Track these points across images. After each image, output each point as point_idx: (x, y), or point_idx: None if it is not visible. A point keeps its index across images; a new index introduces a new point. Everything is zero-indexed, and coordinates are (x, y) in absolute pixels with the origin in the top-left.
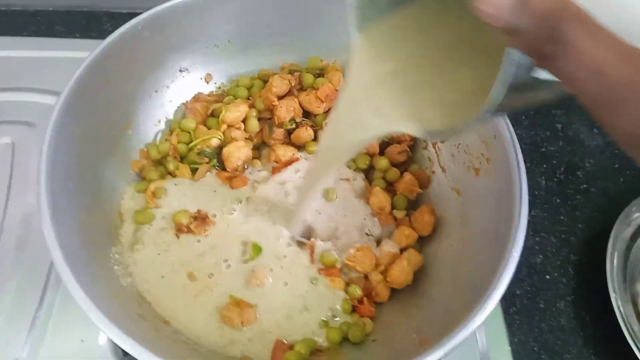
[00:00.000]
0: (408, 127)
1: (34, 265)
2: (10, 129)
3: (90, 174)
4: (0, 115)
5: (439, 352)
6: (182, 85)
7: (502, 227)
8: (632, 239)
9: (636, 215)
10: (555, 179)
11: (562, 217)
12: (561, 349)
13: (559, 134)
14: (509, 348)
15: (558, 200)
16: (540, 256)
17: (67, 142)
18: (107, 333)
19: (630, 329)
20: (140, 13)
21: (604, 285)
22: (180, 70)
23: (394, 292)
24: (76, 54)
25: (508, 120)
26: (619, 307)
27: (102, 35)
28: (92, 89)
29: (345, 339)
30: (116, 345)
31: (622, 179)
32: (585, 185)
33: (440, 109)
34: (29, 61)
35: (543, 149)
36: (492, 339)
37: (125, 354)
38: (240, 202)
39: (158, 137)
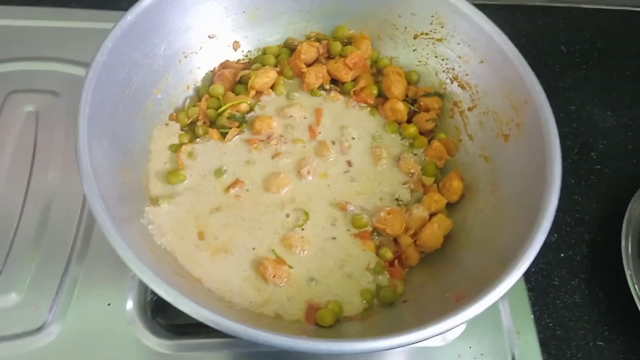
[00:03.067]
0: None
1: (59, 231)
2: (33, 97)
3: (122, 133)
4: (23, 84)
5: (478, 307)
6: (211, 52)
7: (534, 190)
8: None
9: None
10: (570, 160)
11: (576, 197)
12: (575, 324)
13: (572, 115)
14: (532, 316)
15: (572, 181)
16: (555, 235)
17: (102, 100)
18: (149, 284)
19: None
20: None
21: (617, 263)
22: (210, 37)
23: (423, 256)
24: (96, 25)
25: (540, 84)
26: (634, 284)
27: (117, 7)
28: (125, 50)
29: (377, 300)
30: (145, 307)
31: (635, 160)
32: (599, 166)
33: None
34: (50, 31)
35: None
36: (515, 310)
37: (155, 316)
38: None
39: (187, 103)
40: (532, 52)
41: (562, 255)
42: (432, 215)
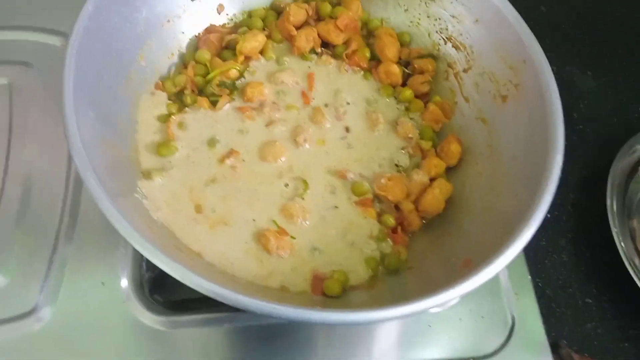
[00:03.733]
0: None
1: (44, 210)
2: (4, 69)
3: (108, 104)
4: None
5: (490, 271)
6: (194, 16)
7: (535, 151)
8: (630, 175)
9: (633, 151)
10: None
11: None
12: (564, 283)
13: (554, 76)
14: (529, 277)
15: None
16: None
17: (86, 69)
18: (155, 260)
19: (631, 263)
20: None
21: (601, 222)
22: (192, 0)
23: (425, 221)
24: None
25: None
26: (620, 242)
27: None
28: (106, 14)
29: (381, 268)
30: (141, 284)
31: (615, 120)
32: (580, 126)
33: None
34: None
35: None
36: (513, 272)
37: (152, 293)
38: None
39: (172, 71)
40: None
41: (547, 215)
42: (432, 180)
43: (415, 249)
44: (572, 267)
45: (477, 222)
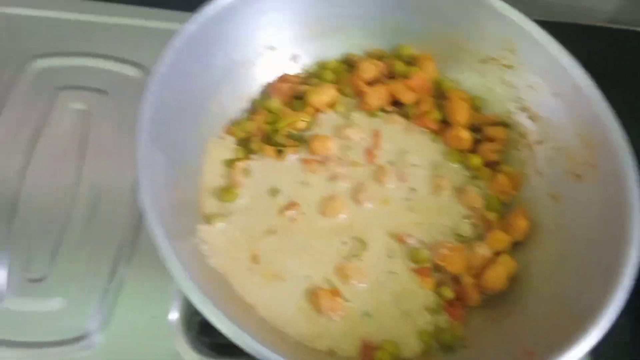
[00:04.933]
0: None
1: (105, 237)
2: (84, 95)
3: (178, 146)
4: (74, 80)
5: None
6: (268, 64)
7: (610, 239)
8: None
9: None
10: None
11: None
12: None
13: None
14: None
15: None
16: None
17: (160, 113)
18: (209, 317)
19: None
20: None
21: None
22: (268, 48)
23: (484, 297)
24: (148, 23)
25: (619, 126)
26: None
27: (169, 5)
28: (184, 61)
29: (435, 343)
30: (189, 323)
31: None
32: None
33: None
34: (100, 27)
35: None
36: None
37: (201, 333)
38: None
39: (241, 117)
40: None
41: None
42: (495, 254)
43: (472, 326)
44: (635, 349)
45: (541, 306)
